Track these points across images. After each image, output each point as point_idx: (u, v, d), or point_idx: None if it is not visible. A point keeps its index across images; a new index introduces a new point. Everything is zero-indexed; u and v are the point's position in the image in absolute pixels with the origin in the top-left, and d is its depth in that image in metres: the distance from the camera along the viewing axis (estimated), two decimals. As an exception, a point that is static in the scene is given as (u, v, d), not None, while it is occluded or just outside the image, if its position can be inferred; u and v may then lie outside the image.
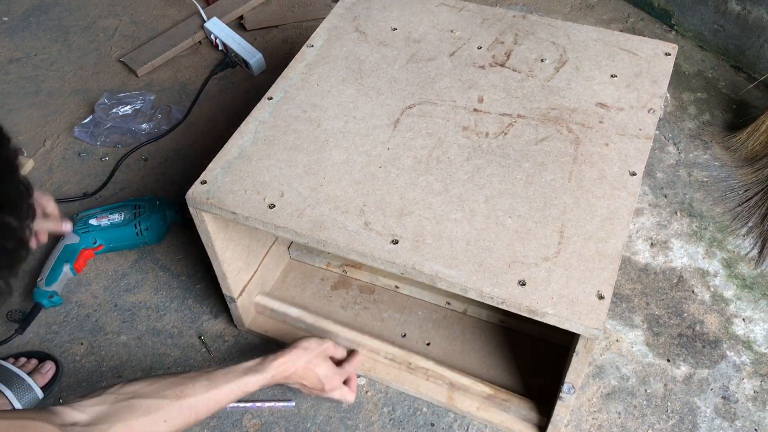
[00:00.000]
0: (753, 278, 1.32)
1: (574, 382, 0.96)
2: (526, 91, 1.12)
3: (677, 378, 1.19)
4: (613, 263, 0.89)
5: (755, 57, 1.65)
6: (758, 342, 1.24)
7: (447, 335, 1.23)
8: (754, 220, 1.39)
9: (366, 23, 1.27)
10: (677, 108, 1.63)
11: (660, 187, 1.48)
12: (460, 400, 1.14)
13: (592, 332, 0.84)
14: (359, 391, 1.19)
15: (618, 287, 1.31)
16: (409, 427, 1.14)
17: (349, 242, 0.93)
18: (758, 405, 1.16)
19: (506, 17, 1.26)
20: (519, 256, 0.91)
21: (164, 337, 1.28)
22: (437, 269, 0.90)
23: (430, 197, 0.98)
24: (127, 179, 1.55)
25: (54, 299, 1.30)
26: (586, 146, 1.04)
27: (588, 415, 1.15)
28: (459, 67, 1.17)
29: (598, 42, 1.20)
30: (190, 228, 1.39)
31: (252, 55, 1.76)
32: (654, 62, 1.16)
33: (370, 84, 1.15)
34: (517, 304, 0.86)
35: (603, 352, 1.23)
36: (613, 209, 0.95)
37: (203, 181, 1.02)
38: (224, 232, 1.09)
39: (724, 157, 1.52)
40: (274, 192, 1.00)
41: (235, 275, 1.16)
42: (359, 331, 1.23)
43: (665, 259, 1.36)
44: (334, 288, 1.31)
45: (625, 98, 1.10)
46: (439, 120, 1.09)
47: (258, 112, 1.12)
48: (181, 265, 1.39)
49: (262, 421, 1.16)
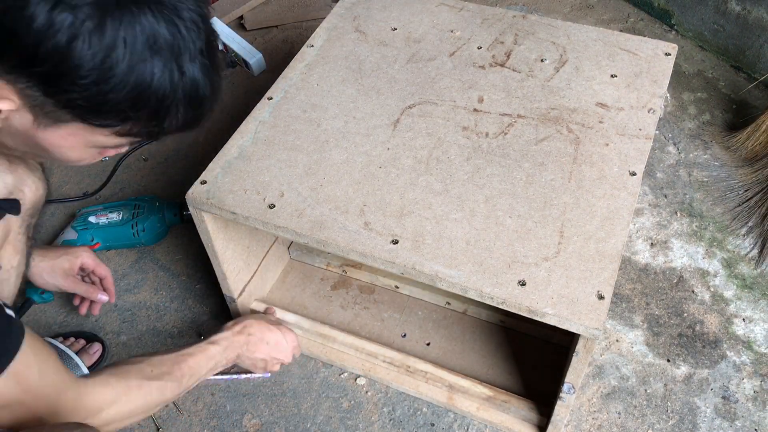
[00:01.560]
0: (753, 278, 1.32)
1: (574, 382, 0.96)
2: (526, 91, 1.12)
3: (677, 378, 1.19)
4: (613, 263, 0.89)
5: (755, 57, 1.65)
6: (758, 342, 1.24)
7: (447, 335, 1.23)
8: (754, 220, 1.39)
9: (366, 23, 1.27)
10: (677, 108, 1.63)
11: (660, 187, 1.48)
12: (460, 400, 1.14)
13: (592, 332, 0.84)
14: (359, 390, 1.19)
15: (618, 287, 1.31)
16: (409, 427, 1.14)
17: (349, 242, 0.93)
18: (758, 405, 1.16)
19: (506, 17, 1.26)
20: (519, 256, 0.91)
21: (164, 337, 1.28)
22: (437, 269, 0.90)
23: (430, 197, 0.98)
24: (127, 179, 1.55)
25: (45, 295, 1.31)
26: (586, 146, 1.04)
27: (588, 415, 1.15)
28: (459, 67, 1.17)
29: (598, 42, 1.20)
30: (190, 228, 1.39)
31: (252, 55, 1.76)
32: (654, 62, 1.16)
33: (370, 84, 1.15)
34: (517, 304, 0.86)
35: (603, 352, 1.23)
36: (613, 209, 0.95)
37: (203, 181, 1.02)
38: (224, 232, 1.09)
39: (724, 157, 1.52)
40: (274, 192, 1.00)
41: (235, 275, 1.16)
42: (359, 332, 1.23)
43: (665, 259, 1.36)
44: (334, 288, 1.31)
45: (625, 98, 1.10)
46: (439, 120, 1.09)
47: (258, 112, 1.12)
48: (181, 265, 1.39)
49: (262, 421, 1.16)
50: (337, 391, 1.19)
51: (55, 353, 0.82)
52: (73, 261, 1.18)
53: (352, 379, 1.20)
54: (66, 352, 1.19)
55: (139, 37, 0.63)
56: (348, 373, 1.21)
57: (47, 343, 0.85)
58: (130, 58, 0.63)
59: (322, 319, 1.24)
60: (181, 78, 0.67)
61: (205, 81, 0.69)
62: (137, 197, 1.43)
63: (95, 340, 1.25)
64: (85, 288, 1.19)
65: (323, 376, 1.21)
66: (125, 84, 0.64)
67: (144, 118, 0.68)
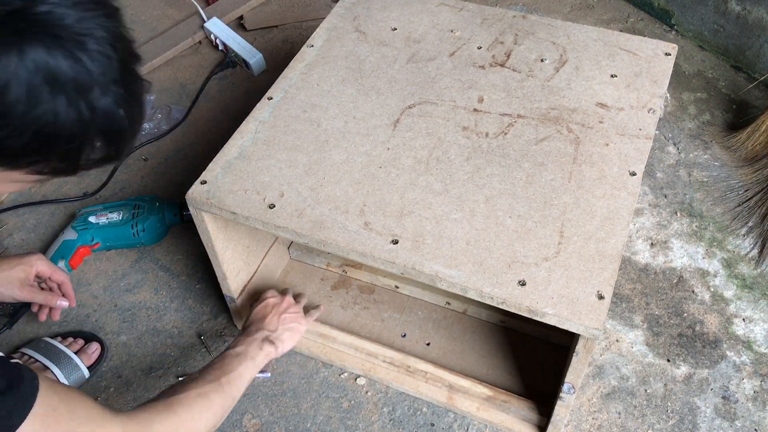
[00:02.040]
0: (753, 278, 1.32)
1: (574, 382, 0.96)
2: (526, 91, 1.12)
3: (677, 378, 1.19)
4: (613, 263, 0.89)
5: (755, 57, 1.65)
6: (758, 342, 1.24)
7: (447, 335, 1.23)
8: (754, 220, 1.39)
9: (366, 23, 1.27)
10: (677, 108, 1.63)
11: (660, 187, 1.48)
12: (460, 400, 1.14)
13: (592, 332, 0.84)
14: (359, 390, 1.19)
15: (618, 287, 1.31)
16: (409, 427, 1.14)
17: (349, 242, 0.93)
18: (758, 405, 1.16)
19: (506, 17, 1.26)
20: (519, 256, 0.91)
21: (164, 337, 1.28)
22: (437, 269, 0.90)
23: (430, 197, 0.98)
24: (127, 179, 1.55)
25: None
26: (586, 146, 1.03)
27: (588, 415, 1.15)
28: (459, 67, 1.17)
29: (598, 42, 1.20)
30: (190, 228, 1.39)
31: (252, 55, 1.76)
32: (654, 62, 1.16)
33: (370, 84, 1.15)
34: (517, 304, 0.86)
35: (603, 352, 1.23)
36: (613, 209, 0.95)
37: (203, 181, 1.02)
38: (224, 232, 1.09)
39: (724, 157, 1.52)
40: (274, 192, 1.00)
41: (235, 275, 1.16)
42: (359, 332, 1.23)
43: (665, 259, 1.36)
44: (334, 288, 1.31)
45: (625, 98, 1.10)
46: (439, 120, 1.09)
47: (258, 112, 1.12)
48: (181, 265, 1.39)
49: (262, 421, 1.16)
50: (337, 391, 1.19)
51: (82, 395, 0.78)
52: (27, 270, 1.15)
53: (352, 379, 1.20)
54: (65, 352, 1.19)
55: (35, 75, 0.57)
56: (348, 373, 1.21)
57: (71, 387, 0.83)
58: (27, 100, 0.57)
59: (322, 319, 1.24)
60: (92, 114, 0.61)
61: (121, 113, 0.64)
62: (137, 197, 1.43)
63: (94, 339, 1.26)
64: (43, 296, 1.16)
65: (323, 376, 1.21)
66: (26, 128, 0.58)
67: (55, 159, 0.64)
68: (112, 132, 0.65)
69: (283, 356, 1.23)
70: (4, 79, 0.55)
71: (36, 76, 0.57)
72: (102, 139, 0.65)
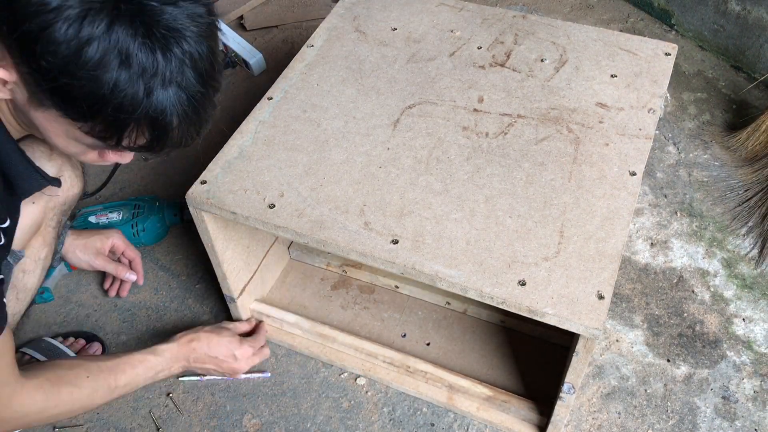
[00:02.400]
0: (753, 278, 1.32)
1: (574, 382, 0.96)
2: (526, 91, 1.12)
3: (677, 378, 1.19)
4: (613, 263, 0.89)
5: (755, 57, 1.65)
6: (758, 342, 1.24)
7: (447, 335, 1.23)
8: (754, 220, 1.39)
9: (366, 23, 1.27)
10: (677, 108, 1.63)
11: (660, 187, 1.48)
12: (460, 400, 1.14)
13: (592, 332, 0.84)
14: (359, 390, 1.19)
15: (618, 287, 1.31)
16: (409, 427, 1.14)
17: (349, 242, 0.93)
18: (758, 405, 1.16)
19: (506, 17, 1.26)
20: (519, 256, 0.91)
21: (164, 337, 1.28)
22: (437, 269, 0.90)
23: (430, 197, 0.98)
24: (127, 179, 1.55)
25: (45, 295, 1.31)
26: (586, 146, 1.03)
27: (588, 415, 1.15)
28: (459, 67, 1.17)
29: (598, 42, 1.20)
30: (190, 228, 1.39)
31: (252, 55, 1.76)
32: (654, 62, 1.16)
33: (370, 84, 1.15)
34: (517, 304, 0.86)
35: (603, 352, 1.23)
36: (613, 209, 0.95)
37: (203, 181, 1.02)
38: (224, 232, 1.09)
39: (724, 157, 1.52)
40: (274, 192, 1.00)
41: (235, 275, 1.16)
42: (359, 332, 1.23)
43: (665, 259, 1.36)
44: (334, 288, 1.31)
45: (625, 98, 1.10)
46: (439, 120, 1.09)
47: (258, 112, 1.12)
48: (181, 265, 1.39)
49: (262, 421, 1.16)
50: (337, 391, 1.19)
51: (13, 350, 0.86)
52: (104, 241, 1.27)
53: (352, 379, 1.20)
54: (66, 353, 1.19)
55: (114, 46, 0.65)
56: (348, 373, 1.21)
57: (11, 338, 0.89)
58: (97, 62, 0.65)
59: (322, 319, 1.24)
60: (147, 99, 0.68)
61: (174, 110, 0.70)
62: (137, 197, 1.43)
63: (95, 340, 1.26)
64: (114, 267, 1.27)
65: (323, 376, 1.21)
66: (87, 82, 0.66)
67: (102, 122, 0.70)
68: (159, 123, 0.70)
69: (283, 356, 1.24)
70: (87, 36, 0.64)
71: (113, 50, 0.65)
72: (149, 127, 0.71)
